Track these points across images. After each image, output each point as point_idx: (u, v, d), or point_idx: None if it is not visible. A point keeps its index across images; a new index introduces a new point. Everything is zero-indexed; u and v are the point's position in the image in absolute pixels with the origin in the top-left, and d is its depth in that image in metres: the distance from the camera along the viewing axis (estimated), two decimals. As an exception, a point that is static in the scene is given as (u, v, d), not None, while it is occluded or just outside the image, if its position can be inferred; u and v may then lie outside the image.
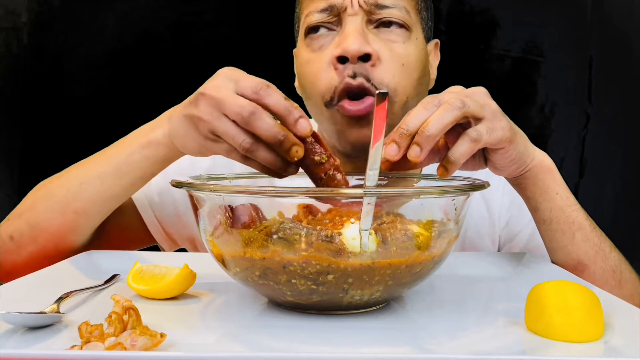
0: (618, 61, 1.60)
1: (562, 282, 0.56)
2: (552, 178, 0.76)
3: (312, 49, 0.84)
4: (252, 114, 0.61)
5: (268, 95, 0.63)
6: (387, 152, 0.62)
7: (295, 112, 0.62)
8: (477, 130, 0.64)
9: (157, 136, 0.75)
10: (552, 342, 0.53)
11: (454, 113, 0.62)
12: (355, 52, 0.79)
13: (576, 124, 1.58)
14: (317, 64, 0.83)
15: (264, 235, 0.56)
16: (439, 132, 0.62)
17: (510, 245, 0.96)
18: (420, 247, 0.57)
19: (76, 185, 0.79)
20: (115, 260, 0.78)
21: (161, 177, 0.92)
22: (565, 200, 0.76)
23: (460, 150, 0.63)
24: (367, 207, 0.55)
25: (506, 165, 0.72)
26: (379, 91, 0.55)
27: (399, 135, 0.62)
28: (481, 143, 0.64)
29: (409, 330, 0.58)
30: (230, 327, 0.58)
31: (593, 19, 1.59)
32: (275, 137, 0.61)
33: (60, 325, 0.56)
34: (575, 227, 0.76)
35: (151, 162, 0.76)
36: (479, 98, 0.66)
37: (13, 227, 0.82)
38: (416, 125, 0.62)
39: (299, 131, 0.62)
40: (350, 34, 0.80)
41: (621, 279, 0.77)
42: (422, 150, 0.61)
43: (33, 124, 1.67)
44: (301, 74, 0.87)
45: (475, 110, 0.64)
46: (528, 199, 0.78)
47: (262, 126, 0.61)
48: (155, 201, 0.95)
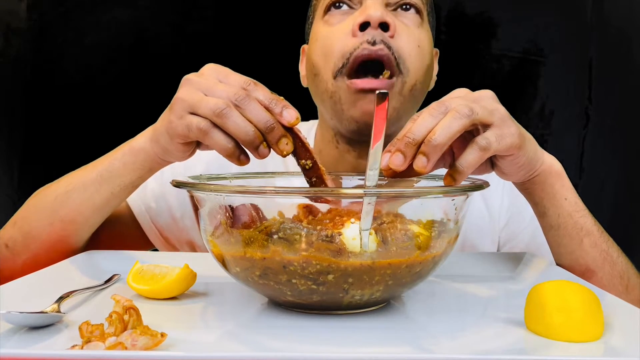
0: (618, 61, 1.60)
1: (562, 282, 0.56)
2: (561, 183, 0.74)
3: (331, 24, 0.85)
4: (245, 97, 0.63)
5: (255, 89, 0.64)
6: (392, 162, 0.59)
7: (281, 103, 0.63)
8: (486, 139, 0.62)
9: (138, 143, 0.75)
10: (552, 342, 0.53)
11: (462, 121, 0.60)
12: (379, 18, 0.79)
13: (576, 124, 1.59)
14: (335, 34, 0.83)
15: (264, 235, 0.56)
16: (446, 142, 0.59)
17: (511, 246, 0.96)
18: (420, 247, 0.58)
19: (63, 194, 0.79)
20: (115, 260, 0.78)
21: (156, 183, 0.93)
22: (574, 205, 0.75)
23: (468, 159, 0.61)
24: (367, 207, 0.55)
25: (514, 171, 0.70)
26: (378, 91, 0.55)
27: (404, 145, 0.59)
28: (490, 151, 0.62)
29: (409, 330, 0.58)
30: (230, 327, 0.58)
31: (593, 20, 1.59)
32: (266, 123, 0.62)
33: (61, 325, 0.56)
34: (584, 233, 0.75)
35: (130, 169, 0.76)
36: (486, 103, 0.64)
37: (8, 235, 0.82)
38: (422, 133, 0.59)
39: (284, 119, 0.63)
40: (372, 4, 0.81)
41: (628, 285, 0.76)
42: (429, 160, 0.59)
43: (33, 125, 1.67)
44: (314, 50, 0.87)
45: (484, 117, 0.62)
46: (536, 204, 0.77)
47: (253, 111, 0.62)
48: (152, 207, 0.95)
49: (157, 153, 0.73)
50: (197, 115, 0.64)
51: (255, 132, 0.62)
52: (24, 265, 0.79)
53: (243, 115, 0.62)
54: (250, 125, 0.62)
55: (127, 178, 0.76)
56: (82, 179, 0.79)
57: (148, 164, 0.75)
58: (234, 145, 0.64)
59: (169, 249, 0.98)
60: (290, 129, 0.63)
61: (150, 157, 0.74)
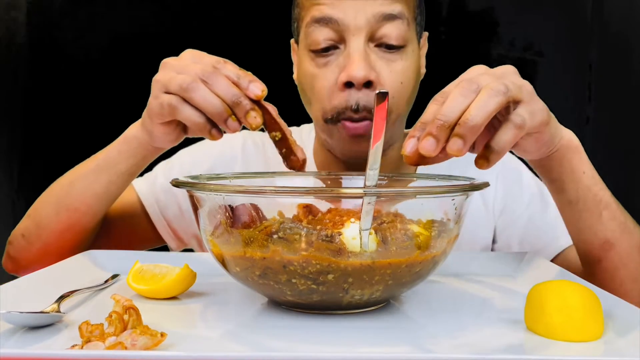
0: (618, 61, 1.60)
1: (562, 282, 0.56)
2: (579, 157, 0.72)
3: (317, 65, 0.85)
4: (212, 72, 0.66)
5: (224, 67, 0.67)
6: (423, 147, 0.56)
7: (248, 77, 0.66)
8: (520, 116, 0.59)
9: (131, 131, 0.79)
10: (552, 341, 0.53)
11: (498, 99, 0.57)
12: (361, 79, 0.80)
13: (576, 124, 1.59)
14: (322, 82, 0.84)
15: (264, 235, 0.56)
16: (484, 122, 0.56)
17: (508, 234, 0.95)
18: (420, 246, 0.58)
19: (67, 184, 0.84)
20: (115, 260, 0.78)
21: (164, 178, 0.97)
22: (592, 179, 0.73)
23: (505, 139, 0.59)
24: (367, 207, 0.54)
25: (536, 149, 0.68)
26: (378, 91, 0.55)
27: (436, 128, 0.56)
28: (525, 129, 0.60)
29: (409, 330, 0.58)
30: (230, 327, 0.58)
31: (593, 20, 1.60)
32: (232, 97, 0.65)
33: (61, 325, 0.56)
34: (603, 206, 0.73)
35: (125, 157, 0.79)
36: (514, 79, 0.61)
37: (23, 225, 0.87)
38: (456, 114, 0.56)
39: (250, 93, 0.65)
40: (356, 60, 0.80)
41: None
42: (466, 143, 0.56)
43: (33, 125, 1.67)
44: (304, 84, 0.88)
45: (516, 94, 0.59)
46: (553, 180, 0.74)
47: (220, 85, 0.65)
48: (161, 199, 0.97)
49: (146, 139, 0.77)
50: (169, 93, 0.68)
51: (223, 105, 0.65)
52: (37, 253, 0.84)
53: (211, 90, 0.65)
54: (217, 99, 0.65)
55: (122, 166, 0.80)
56: (83, 169, 0.83)
57: (141, 151, 0.78)
58: (204, 120, 0.67)
59: (178, 243, 1.00)
60: (259, 102, 0.66)
61: (142, 145, 0.78)
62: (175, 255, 0.87)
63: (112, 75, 1.64)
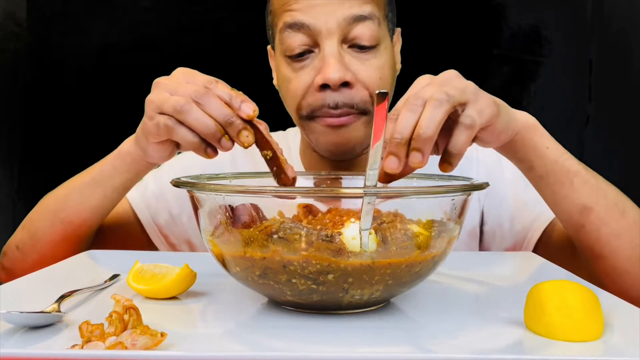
0: (618, 61, 1.60)
1: (562, 281, 0.56)
2: (539, 134, 0.76)
3: (293, 69, 0.87)
4: (205, 93, 0.66)
5: (216, 87, 0.68)
6: (387, 166, 0.59)
7: (239, 97, 0.67)
8: (469, 117, 0.63)
9: (125, 147, 0.80)
10: (552, 341, 0.53)
11: (443, 108, 0.60)
12: (337, 80, 0.82)
13: (576, 124, 1.59)
14: (298, 84, 0.86)
15: (264, 235, 0.56)
16: (435, 132, 0.59)
17: (496, 213, 0.96)
18: (420, 246, 0.58)
19: (62, 197, 0.85)
20: (115, 260, 0.78)
21: (155, 185, 0.98)
22: (556, 151, 0.76)
23: (460, 140, 0.62)
24: (367, 207, 0.55)
25: (495, 138, 0.70)
26: (378, 91, 0.55)
27: (395, 146, 0.59)
28: (476, 128, 0.63)
29: (409, 330, 0.58)
30: (230, 327, 0.58)
31: (593, 19, 1.60)
32: (225, 117, 0.66)
33: (61, 325, 0.56)
34: (572, 174, 0.76)
35: (119, 172, 0.81)
36: (456, 83, 0.64)
37: (18, 237, 0.88)
38: (409, 130, 0.59)
39: (243, 113, 0.66)
40: (331, 63, 0.82)
41: (624, 209, 0.77)
42: (424, 154, 0.59)
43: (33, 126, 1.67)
44: (281, 88, 0.91)
45: (460, 97, 0.62)
46: (520, 160, 0.77)
47: (213, 105, 0.66)
48: (152, 205, 0.98)
49: (140, 155, 0.77)
50: (164, 114, 0.68)
51: (216, 126, 0.66)
52: (32, 264, 0.84)
53: (204, 110, 0.66)
54: (211, 119, 0.66)
55: (117, 180, 0.81)
56: (78, 182, 0.85)
57: (134, 166, 0.80)
58: (199, 140, 0.68)
59: (169, 249, 1.00)
60: (251, 122, 0.66)
61: (135, 160, 0.79)
62: (175, 255, 0.88)
63: (112, 75, 1.64)
